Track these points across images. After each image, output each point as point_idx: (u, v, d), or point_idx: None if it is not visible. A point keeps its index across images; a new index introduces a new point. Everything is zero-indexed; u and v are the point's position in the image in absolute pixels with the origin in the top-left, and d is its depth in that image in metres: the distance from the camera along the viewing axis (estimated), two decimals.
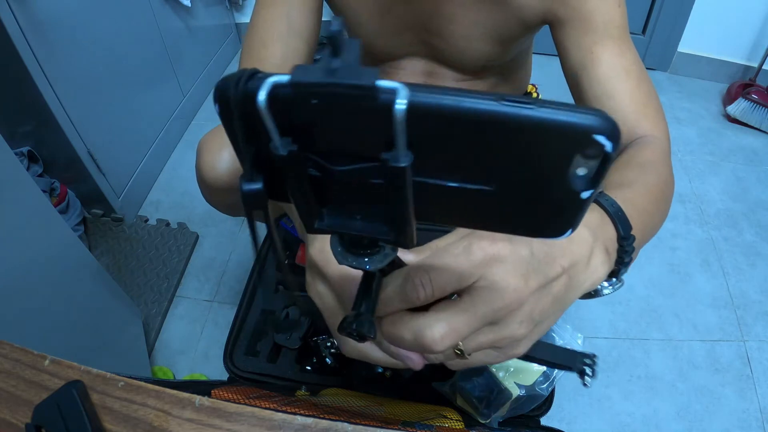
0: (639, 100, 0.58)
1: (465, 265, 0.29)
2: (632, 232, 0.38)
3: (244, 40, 0.67)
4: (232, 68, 2.07)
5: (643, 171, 0.51)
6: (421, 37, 0.72)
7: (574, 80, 0.62)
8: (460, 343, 0.30)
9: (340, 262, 0.26)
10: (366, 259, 0.26)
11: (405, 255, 0.32)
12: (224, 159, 0.78)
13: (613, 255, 0.37)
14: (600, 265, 0.35)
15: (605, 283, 0.39)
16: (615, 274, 0.39)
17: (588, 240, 0.35)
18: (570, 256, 0.33)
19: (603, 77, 0.58)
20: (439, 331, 0.28)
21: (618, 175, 0.51)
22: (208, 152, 0.74)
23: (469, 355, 0.31)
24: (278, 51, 0.64)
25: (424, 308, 0.30)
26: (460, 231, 0.32)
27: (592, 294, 0.41)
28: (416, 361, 0.32)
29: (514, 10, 0.64)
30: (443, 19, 0.68)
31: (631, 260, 0.38)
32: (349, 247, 0.26)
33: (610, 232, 0.37)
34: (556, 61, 0.65)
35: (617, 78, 0.58)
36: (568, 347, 0.54)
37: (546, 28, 0.71)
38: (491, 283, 0.29)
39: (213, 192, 0.79)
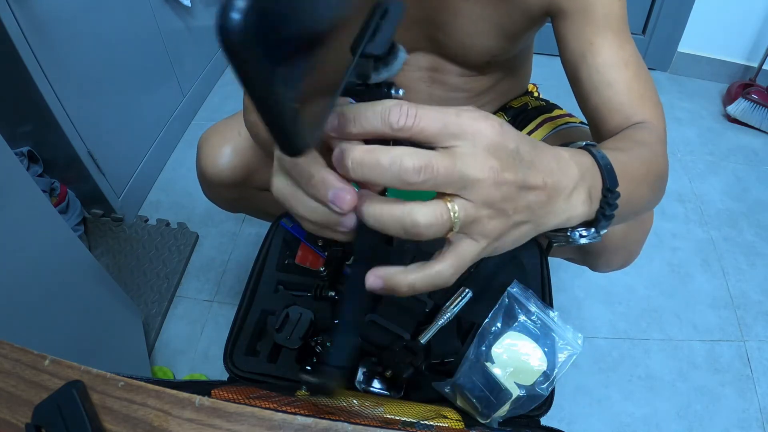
0: (636, 90, 0.58)
1: (452, 122, 0.29)
2: (618, 189, 0.39)
3: None
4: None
5: (638, 145, 0.52)
6: (427, 32, 0.72)
7: (572, 70, 0.63)
8: (451, 207, 0.30)
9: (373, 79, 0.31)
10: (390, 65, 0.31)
11: None
12: (225, 154, 0.79)
13: (595, 203, 0.38)
14: (580, 203, 0.36)
15: (582, 231, 0.40)
16: (593, 224, 0.39)
17: (575, 175, 0.35)
18: (554, 177, 0.33)
19: (602, 67, 0.59)
20: (416, 162, 0.28)
21: (613, 143, 0.52)
22: (209, 148, 0.74)
23: (458, 224, 0.30)
24: None
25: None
26: None
27: (566, 238, 0.41)
28: (346, 202, 0.30)
29: (518, 3, 0.64)
30: (449, 14, 0.68)
31: (612, 216, 0.39)
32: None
33: (597, 179, 0.38)
34: (556, 60, 0.65)
35: (616, 68, 0.59)
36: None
37: (546, 27, 0.71)
38: (470, 150, 0.29)
39: (213, 187, 0.79)
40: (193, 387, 0.43)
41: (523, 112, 0.91)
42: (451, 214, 0.30)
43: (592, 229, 0.40)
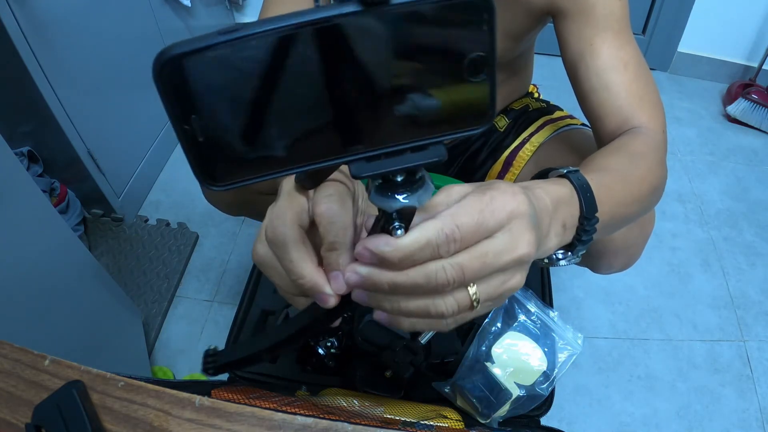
0: (635, 92, 0.58)
1: (490, 218, 0.30)
2: (597, 214, 0.40)
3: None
4: None
5: (631, 161, 0.52)
6: None
7: (572, 71, 0.63)
8: (475, 288, 0.31)
9: (391, 208, 0.27)
10: (415, 195, 0.27)
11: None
12: None
13: (571, 231, 0.39)
14: (554, 236, 0.38)
15: (559, 254, 0.42)
16: (571, 248, 0.41)
17: (549, 210, 0.37)
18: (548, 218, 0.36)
19: (600, 69, 0.59)
20: (452, 274, 0.29)
21: (604, 160, 0.52)
22: None
23: (478, 304, 0.31)
24: None
25: None
26: (470, 185, 0.33)
27: (547, 262, 0.43)
28: (330, 304, 0.32)
29: (521, 4, 0.64)
30: None
31: (591, 239, 0.40)
32: (390, 189, 0.27)
33: (573, 208, 0.39)
34: (556, 60, 0.65)
35: (614, 70, 0.58)
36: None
37: (546, 27, 0.71)
38: (513, 235, 0.31)
39: (214, 191, 0.79)
40: (193, 387, 0.43)
41: (524, 114, 0.91)
42: (473, 298, 0.31)
43: (569, 253, 0.41)
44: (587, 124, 0.66)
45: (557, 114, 0.88)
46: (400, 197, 0.27)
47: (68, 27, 1.16)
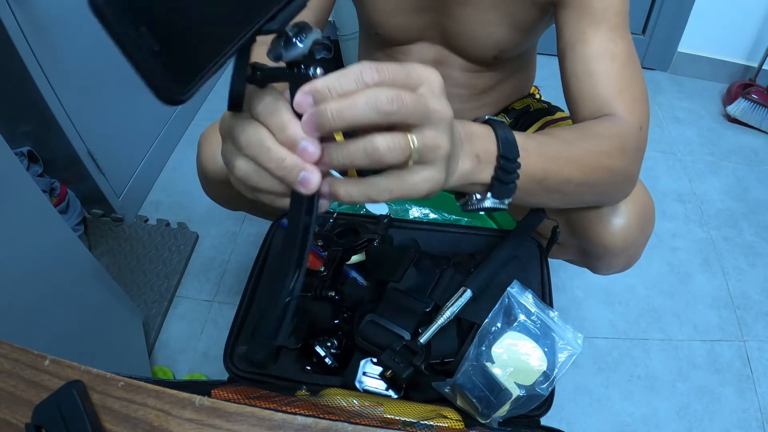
0: (617, 83, 0.58)
1: (411, 71, 0.33)
2: (520, 160, 0.42)
3: None
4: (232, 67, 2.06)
5: (582, 135, 0.52)
6: (436, 20, 0.72)
7: (562, 58, 0.63)
8: (413, 135, 0.32)
9: (295, 54, 0.30)
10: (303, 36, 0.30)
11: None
12: None
13: (487, 165, 0.41)
14: (468, 161, 0.40)
15: (479, 195, 0.43)
16: (492, 188, 0.42)
17: (461, 136, 0.40)
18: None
19: (587, 56, 0.59)
20: (388, 93, 0.31)
21: (552, 129, 0.53)
22: (209, 145, 0.74)
23: (417, 155, 0.33)
24: None
25: None
26: None
27: (467, 203, 0.44)
28: (313, 154, 0.32)
29: None
30: (458, 2, 0.68)
31: (514, 185, 0.43)
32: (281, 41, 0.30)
33: (488, 144, 0.42)
34: (556, 60, 0.65)
35: (601, 59, 0.59)
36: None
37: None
38: (434, 91, 0.34)
39: (213, 184, 0.79)
40: (193, 387, 0.43)
41: (525, 114, 0.90)
42: (411, 142, 0.33)
43: (490, 194, 0.43)
44: None
45: (558, 115, 0.88)
46: (298, 42, 0.30)
47: (68, 27, 1.16)
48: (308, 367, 0.66)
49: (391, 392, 0.60)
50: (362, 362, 0.61)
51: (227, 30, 0.28)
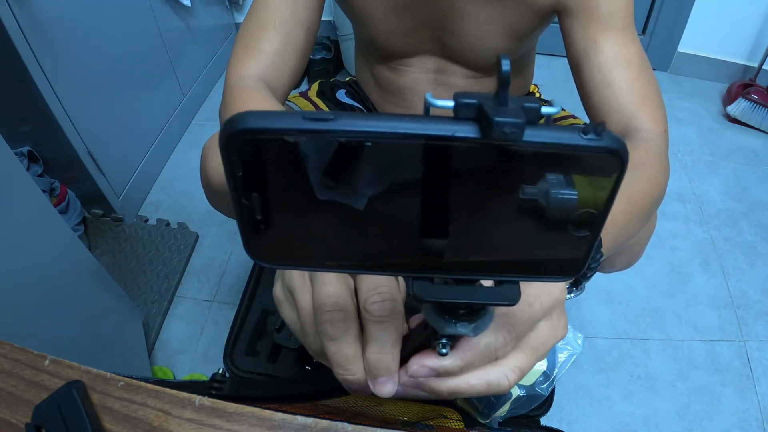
0: (638, 90, 0.58)
1: (539, 310, 0.30)
2: (602, 249, 0.39)
3: (241, 24, 0.66)
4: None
5: (633, 174, 0.51)
6: (434, 35, 0.72)
7: (576, 69, 0.62)
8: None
9: (443, 331, 0.25)
10: (473, 325, 0.25)
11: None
12: None
13: None
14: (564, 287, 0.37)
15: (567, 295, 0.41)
16: (576, 284, 0.40)
17: None
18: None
19: (604, 66, 0.58)
20: (514, 379, 0.29)
21: None
22: (214, 155, 0.73)
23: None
24: (277, 36, 0.61)
25: None
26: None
27: None
28: (387, 392, 0.29)
29: (527, 2, 0.64)
30: (457, 17, 0.68)
31: (593, 274, 0.39)
32: (449, 314, 0.25)
33: None
34: (556, 60, 0.65)
35: (618, 67, 0.58)
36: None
37: (548, 28, 0.71)
38: (553, 323, 0.31)
39: (219, 197, 0.78)
40: (193, 387, 0.43)
41: None
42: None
43: (574, 288, 0.41)
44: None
45: (560, 113, 0.88)
46: (456, 325, 0.25)
47: (68, 27, 1.16)
48: (308, 367, 0.66)
49: None
50: None
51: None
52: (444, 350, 0.26)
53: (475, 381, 0.28)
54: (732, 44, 1.92)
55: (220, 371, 0.42)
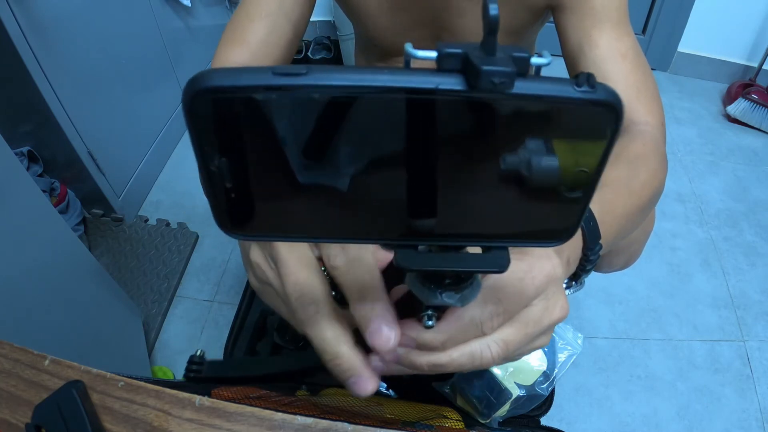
0: (633, 83, 0.58)
1: (530, 285, 0.28)
2: (601, 241, 0.38)
3: (232, 15, 0.66)
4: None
5: (631, 168, 0.51)
6: (432, 32, 0.72)
7: (571, 64, 0.62)
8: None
9: (429, 301, 0.24)
10: (459, 295, 0.24)
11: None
12: None
13: (574, 264, 0.37)
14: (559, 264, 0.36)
15: (563, 285, 0.40)
16: (575, 278, 0.39)
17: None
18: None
19: (599, 59, 0.58)
20: (497, 352, 0.28)
21: (604, 176, 0.51)
22: None
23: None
24: (263, 27, 0.62)
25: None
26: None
27: None
28: (368, 391, 0.28)
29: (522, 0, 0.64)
30: (454, 14, 0.68)
31: (593, 267, 0.38)
32: (434, 283, 0.23)
33: (577, 242, 0.37)
34: (555, 60, 0.65)
35: (613, 60, 0.58)
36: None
37: (544, 27, 0.71)
38: (549, 301, 0.29)
39: None
40: (193, 387, 0.43)
41: None
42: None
43: (573, 283, 0.40)
44: None
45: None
46: (442, 295, 0.24)
47: (68, 27, 1.16)
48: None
49: (390, 392, 0.60)
50: None
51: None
52: (430, 322, 0.25)
53: (456, 354, 0.28)
54: (732, 44, 1.92)
55: (198, 353, 0.41)
